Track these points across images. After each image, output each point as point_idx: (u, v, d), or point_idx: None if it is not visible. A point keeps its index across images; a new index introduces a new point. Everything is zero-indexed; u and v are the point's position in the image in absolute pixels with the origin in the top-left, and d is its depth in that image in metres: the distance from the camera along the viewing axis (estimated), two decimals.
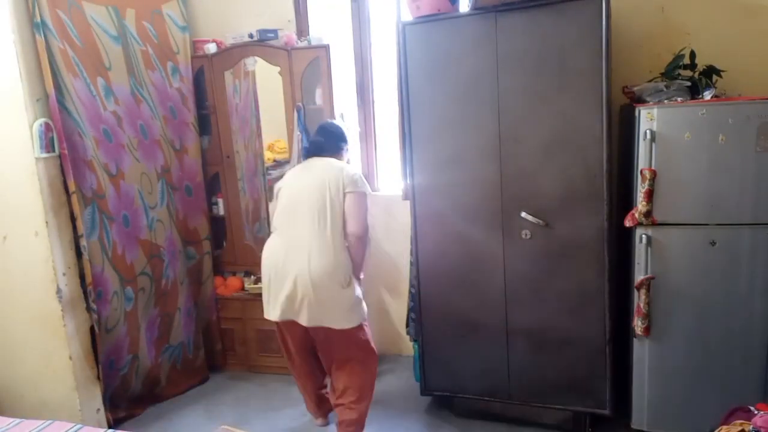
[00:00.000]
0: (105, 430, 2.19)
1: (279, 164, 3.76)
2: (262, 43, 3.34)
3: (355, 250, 2.58)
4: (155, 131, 3.29)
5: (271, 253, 2.62)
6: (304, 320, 2.52)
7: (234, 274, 3.70)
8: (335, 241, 2.52)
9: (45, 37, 2.64)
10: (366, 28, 3.50)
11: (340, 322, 2.53)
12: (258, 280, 3.54)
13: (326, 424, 2.94)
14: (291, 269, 2.51)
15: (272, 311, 2.60)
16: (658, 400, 2.53)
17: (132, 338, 3.11)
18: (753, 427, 1.69)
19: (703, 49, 2.59)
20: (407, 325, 3.29)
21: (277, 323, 2.67)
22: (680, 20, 2.82)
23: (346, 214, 2.56)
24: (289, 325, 2.63)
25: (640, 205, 2.39)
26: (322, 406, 2.93)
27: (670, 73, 2.54)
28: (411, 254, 2.95)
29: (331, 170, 2.61)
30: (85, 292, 2.84)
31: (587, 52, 2.36)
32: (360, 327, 2.61)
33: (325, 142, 2.75)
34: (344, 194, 2.56)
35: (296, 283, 2.48)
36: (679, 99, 2.41)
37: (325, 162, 2.68)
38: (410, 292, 3.21)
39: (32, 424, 2.20)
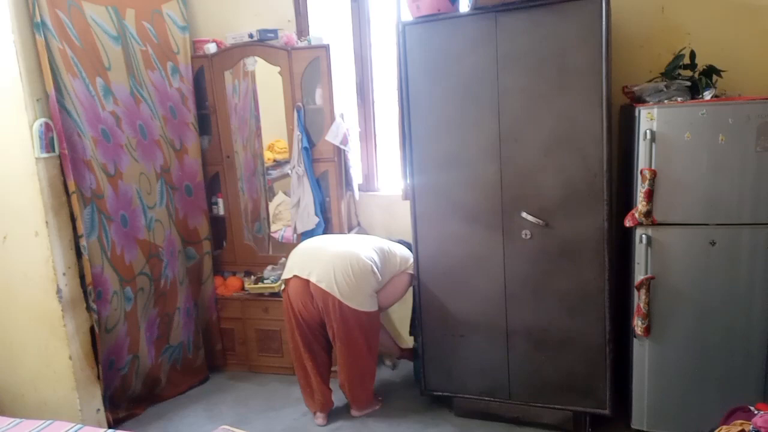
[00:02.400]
0: (105, 430, 2.19)
1: (279, 164, 3.77)
2: (262, 43, 3.34)
3: None
4: (155, 131, 3.29)
5: (309, 241, 3.04)
6: (323, 284, 2.73)
7: (234, 274, 3.69)
8: (372, 271, 2.81)
9: (45, 37, 2.63)
10: (366, 28, 3.50)
11: (360, 303, 2.77)
12: (258, 279, 3.55)
13: (326, 423, 2.95)
14: (333, 248, 2.87)
15: (295, 270, 2.84)
16: (658, 400, 2.53)
17: (132, 338, 3.11)
18: (753, 427, 1.69)
19: (703, 49, 2.59)
20: (412, 326, 3.27)
21: (288, 297, 2.87)
22: (680, 20, 2.82)
23: (393, 284, 2.95)
24: (300, 292, 2.80)
25: (640, 205, 2.39)
26: (316, 402, 2.95)
27: (670, 73, 2.54)
28: None
29: (403, 248, 3.06)
30: (85, 292, 2.84)
31: (587, 52, 2.36)
32: (373, 313, 2.86)
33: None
34: (405, 269, 2.97)
35: (331, 253, 2.81)
36: (679, 99, 2.41)
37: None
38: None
39: (32, 424, 2.21)
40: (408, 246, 3.14)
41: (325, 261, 2.79)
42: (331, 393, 2.99)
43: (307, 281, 2.78)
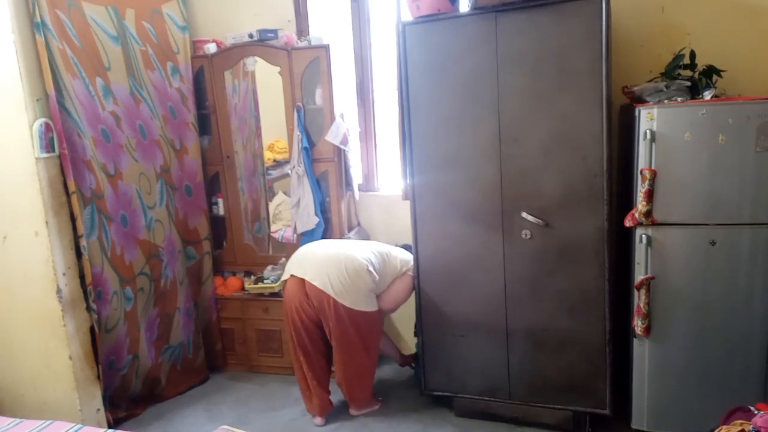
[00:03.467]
0: (105, 430, 2.20)
1: (279, 164, 3.77)
2: (262, 43, 3.34)
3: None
4: (154, 131, 3.28)
5: (309, 245, 3.05)
6: (317, 282, 2.75)
7: (234, 274, 3.69)
8: (368, 270, 2.80)
9: (45, 37, 2.63)
10: (366, 28, 3.50)
11: (355, 301, 2.76)
12: (258, 279, 3.55)
13: (325, 423, 2.95)
14: (324, 248, 2.92)
15: (292, 270, 2.88)
16: (658, 400, 2.53)
17: (132, 338, 3.10)
18: (753, 427, 1.69)
19: (703, 49, 2.59)
20: (416, 327, 3.26)
21: (286, 299, 2.89)
22: (680, 20, 2.82)
23: (393, 289, 2.95)
24: (297, 291, 2.82)
25: (640, 205, 2.39)
26: (314, 405, 2.95)
27: (670, 73, 2.54)
28: None
29: (404, 252, 3.06)
30: (85, 292, 2.84)
31: (587, 52, 2.36)
32: (370, 314, 2.84)
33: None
34: (405, 271, 2.96)
35: (325, 255, 2.84)
36: (679, 99, 2.41)
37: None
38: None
39: (32, 424, 2.21)
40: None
41: (320, 261, 2.82)
42: (329, 395, 2.99)
43: (303, 280, 2.80)
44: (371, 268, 2.81)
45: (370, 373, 2.99)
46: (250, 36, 3.35)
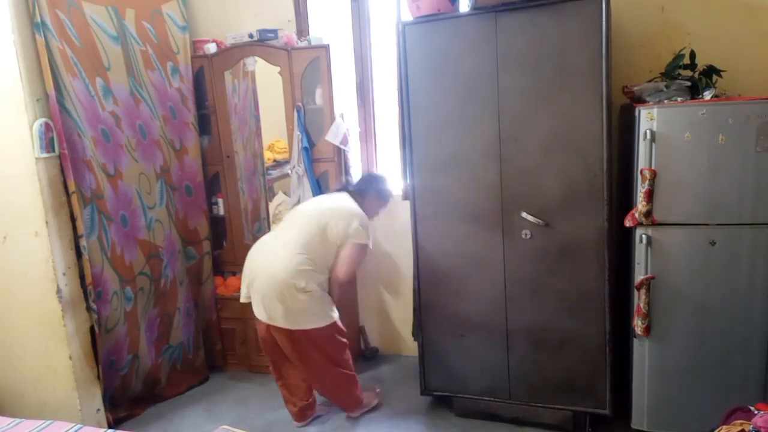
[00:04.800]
0: (105, 430, 2.20)
1: (279, 164, 3.77)
2: (262, 43, 3.34)
3: (333, 292, 2.80)
4: (154, 131, 3.29)
5: (252, 250, 2.90)
6: (264, 317, 2.73)
7: (234, 274, 3.69)
8: (302, 261, 2.67)
9: (45, 37, 2.63)
10: (366, 28, 3.50)
11: (309, 321, 2.70)
12: None
13: (305, 424, 2.96)
14: (258, 268, 2.78)
15: (244, 291, 2.87)
16: (658, 400, 2.53)
17: (132, 338, 3.11)
18: (753, 427, 1.69)
19: (703, 49, 2.59)
20: (414, 328, 3.26)
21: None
22: (680, 20, 2.82)
23: (339, 258, 2.75)
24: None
25: (640, 205, 2.39)
26: (292, 413, 2.96)
27: (670, 73, 2.54)
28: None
29: (345, 210, 2.81)
30: (85, 292, 2.84)
31: (587, 52, 2.36)
32: (324, 328, 2.74)
33: (360, 182, 3.04)
34: (346, 240, 2.74)
35: (259, 278, 2.73)
36: (679, 99, 2.41)
37: (345, 200, 2.88)
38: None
39: (32, 424, 2.21)
40: (372, 179, 3.04)
41: (261, 292, 2.70)
42: (308, 400, 2.95)
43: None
44: (304, 284, 2.64)
45: (346, 380, 2.91)
46: (250, 36, 3.35)
